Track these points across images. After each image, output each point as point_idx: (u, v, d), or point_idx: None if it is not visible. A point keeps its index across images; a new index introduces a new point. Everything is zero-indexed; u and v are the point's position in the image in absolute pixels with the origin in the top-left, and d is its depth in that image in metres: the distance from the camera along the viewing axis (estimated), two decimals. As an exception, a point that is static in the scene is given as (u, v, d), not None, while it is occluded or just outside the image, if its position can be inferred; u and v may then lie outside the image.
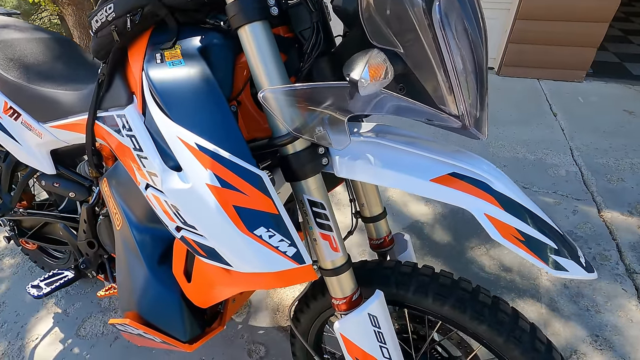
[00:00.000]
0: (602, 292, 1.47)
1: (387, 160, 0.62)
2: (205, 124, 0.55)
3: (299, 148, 0.61)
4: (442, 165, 0.60)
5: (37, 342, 1.42)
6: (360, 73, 0.44)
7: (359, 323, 0.69)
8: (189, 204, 0.56)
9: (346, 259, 0.70)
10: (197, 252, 0.61)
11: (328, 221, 0.65)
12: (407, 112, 0.55)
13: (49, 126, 0.96)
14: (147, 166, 0.64)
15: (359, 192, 0.86)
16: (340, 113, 0.55)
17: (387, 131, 0.67)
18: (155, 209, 0.66)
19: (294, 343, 0.99)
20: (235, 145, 0.55)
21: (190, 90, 0.56)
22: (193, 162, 0.54)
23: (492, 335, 0.68)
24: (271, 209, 0.55)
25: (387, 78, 0.47)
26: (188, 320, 0.75)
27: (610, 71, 3.23)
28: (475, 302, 0.70)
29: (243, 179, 0.54)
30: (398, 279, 0.75)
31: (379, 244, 0.90)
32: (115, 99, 0.74)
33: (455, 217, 1.85)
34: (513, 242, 0.55)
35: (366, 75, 0.44)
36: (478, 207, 0.56)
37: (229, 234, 0.55)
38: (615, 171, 2.10)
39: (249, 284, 0.59)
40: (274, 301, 1.50)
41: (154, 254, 0.75)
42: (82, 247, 1.08)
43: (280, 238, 0.56)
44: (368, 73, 0.44)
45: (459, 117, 0.53)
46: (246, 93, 0.70)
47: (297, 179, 0.63)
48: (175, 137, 0.55)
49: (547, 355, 0.66)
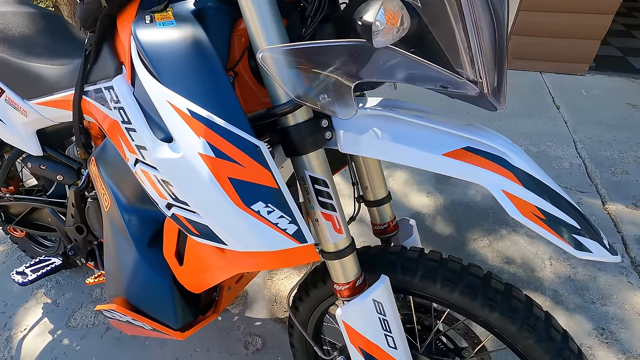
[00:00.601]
0: (607, 285, 1.44)
1: (396, 134, 0.57)
2: (198, 88, 0.50)
3: (300, 119, 0.57)
4: (455, 138, 0.55)
5: (26, 332, 1.37)
6: (374, 15, 0.39)
7: (363, 310, 0.65)
8: (180, 176, 0.51)
9: (350, 241, 0.65)
10: (189, 230, 0.56)
11: (331, 200, 0.61)
12: (419, 79, 0.51)
13: (34, 103, 0.90)
14: (136, 139, 0.59)
15: (362, 175, 0.82)
16: (347, 78, 0.50)
17: (395, 105, 0.62)
18: (145, 186, 0.61)
19: (292, 333, 0.95)
20: (231, 112, 0.50)
21: (181, 51, 0.51)
22: (184, 129, 0.49)
23: (505, 324, 0.64)
24: (270, 182, 0.50)
25: (404, 27, 0.42)
26: (180, 307, 0.70)
27: (613, 65, 3.19)
28: (486, 288, 0.66)
29: (239, 149, 0.49)
30: (404, 264, 0.70)
31: (383, 229, 0.85)
32: (103, 71, 0.69)
33: (457, 208, 1.81)
34: (533, 221, 0.50)
35: (382, 17, 0.39)
36: (495, 182, 0.52)
37: (223, 209, 0.50)
38: (620, 164, 2.07)
39: (245, 264, 0.55)
40: (272, 292, 1.46)
41: (143, 236, 0.70)
42: (71, 232, 1.02)
43: (280, 214, 0.51)
44: (383, 16, 0.39)
45: (477, 82, 0.48)
46: (244, 65, 0.65)
47: (298, 154, 0.58)
48: (165, 103, 0.50)
49: (563, 344, 0.62)
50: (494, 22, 0.48)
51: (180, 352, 1.27)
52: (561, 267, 1.51)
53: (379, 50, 0.46)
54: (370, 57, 0.46)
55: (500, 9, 0.48)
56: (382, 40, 0.41)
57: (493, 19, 0.48)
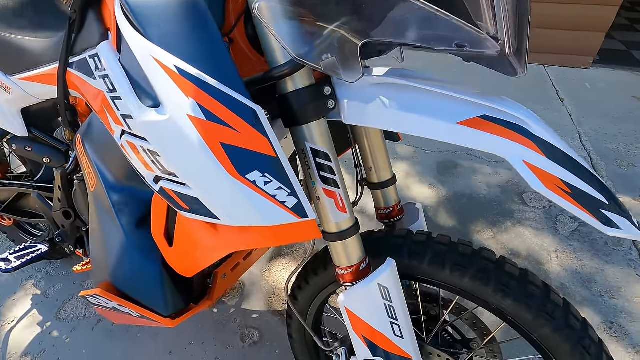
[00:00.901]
0: (615, 278, 1.39)
1: (405, 103, 0.53)
2: (187, 45, 0.45)
3: (300, 85, 0.52)
4: (470, 106, 0.50)
5: (14, 324, 1.32)
6: None
7: (368, 295, 0.60)
8: (167, 142, 0.46)
9: (354, 221, 0.60)
10: (178, 205, 0.51)
11: (334, 175, 0.56)
12: (434, 39, 0.46)
13: (17, 79, 0.85)
14: (122, 108, 0.54)
15: (366, 155, 0.77)
16: (354, 35, 0.45)
17: (404, 74, 0.57)
18: (132, 160, 0.56)
19: (291, 324, 0.90)
20: (225, 71, 0.45)
21: (169, 4, 0.46)
22: (172, 89, 0.44)
23: (520, 311, 0.59)
24: (267, 150, 0.45)
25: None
26: (170, 292, 0.65)
27: (617, 58, 3.14)
28: (500, 273, 0.61)
29: (233, 112, 0.44)
30: (411, 248, 0.66)
31: (387, 213, 0.80)
32: (88, 40, 0.64)
33: (460, 200, 1.76)
34: (558, 194, 0.46)
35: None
36: (515, 152, 0.47)
37: (215, 179, 0.45)
38: (626, 156, 2.02)
39: (240, 241, 0.50)
40: (269, 284, 1.41)
41: (131, 216, 0.65)
42: (58, 218, 0.97)
43: (278, 185, 0.46)
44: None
45: (498, 40, 0.44)
46: (240, 31, 0.60)
47: (298, 123, 0.53)
48: (150, 60, 0.45)
49: (583, 332, 0.58)
50: None
51: (174, 345, 1.23)
52: (568, 259, 1.47)
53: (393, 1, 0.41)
54: (382, 8, 0.42)
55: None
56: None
57: None
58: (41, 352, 1.23)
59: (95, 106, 0.64)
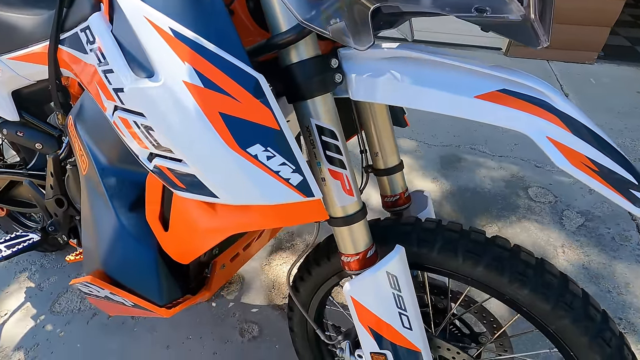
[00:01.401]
0: (623, 274, 1.36)
1: (418, 77, 0.49)
2: (184, 6, 0.41)
3: (305, 56, 0.48)
4: (489, 80, 0.47)
5: (6, 317, 1.28)
6: None
7: (375, 284, 0.56)
8: (161, 112, 0.42)
9: (361, 205, 0.57)
10: (174, 184, 0.47)
11: (340, 155, 0.52)
12: (452, 4, 0.42)
13: (6, 59, 0.81)
14: (114, 82, 0.50)
15: (372, 140, 0.73)
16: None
17: (415, 47, 0.53)
18: (124, 138, 0.52)
19: (292, 317, 0.87)
20: (224, 36, 0.41)
21: None
22: (166, 52, 0.40)
23: (537, 301, 0.56)
24: (271, 122, 0.42)
25: None
26: (165, 280, 0.62)
27: (622, 54, 3.11)
28: (516, 261, 0.58)
29: (234, 79, 0.40)
30: (420, 235, 0.62)
31: (394, 201, 0.77)
32: (79, 13, 0.61)
33: (464, 194, 1.73)
34: (585, 171, 0.42)
35: None
36: (538, 128, 0.44)
37: (213, 152, 0.41)
38: (632, 151, 1.99)
39: (239, 222, 0.46)
40: (269, 277, 1.38)
41: (124, 199, 0.61)
42: (51, 206, 0.94)
43: (282, 161, 0.42)
44: None
45: (522, 2, 0.40)
46: (241, 3, 0.57)
47: (303, 98, 0.49)
48: (143, 22, 0.41)
49: (603, 324, 0.54)
50: None
51: (172, 339, 1.19)
52: (574, 254, 1.44)
53: None
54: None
55: None
56: None
57: None
58: (34, 346, 1.19)
59: (87, 82, 0.60)
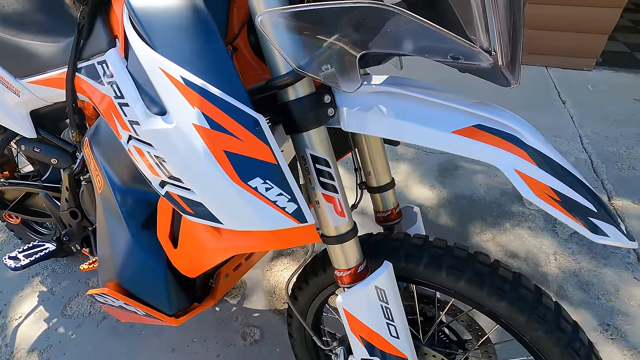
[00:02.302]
0: (612, 281, 1.41)
1: (402, 111, 0.54)
2: (193, 56, 0.47)
3: (301, 93, 0.53)
4: (465, 116, 0.52)
5: (21, 320, 1.35)
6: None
7: (365, 297, 0.62)
8: (173, 149, 0.48)
9: (352, 225, 0.62)
10: (184, 209, 0.53)
11: (333, 181, 0.58)
12: (430, 50, 0.47)
13: (27, 82, 0.88)
14: (129, 114, 0.56)
15: (365, 159, 0.79)
16: (353, 47, 0.47)
17: (402, 82, 0.59)
18: (138, 164, 0.58)
19: (291, 323, 0.93)
20: (228, 81, 0.47)
21: (175, 16, 0.48)
22: (178, 99, 0.46)
23: (513, 313, 0.61)
24: (269, 157, 0.47)
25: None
26: (174, 292, 0.68)
27: (620, 60, 3.14)
28: (494, 276, 0.63)
29: (237, 121, 0.46)
30: (408, 251, 0.68)
31: (386, 216, 0.82)
32: (96, 46, 0.66)
33: (460, 202, 1.78)
34: (547, 201, 0.47)
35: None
36: (507, 161, 0.49)
37: (219, 185, 0.47)
38: (627, 159, 2.03)
39: (242, 245, 0.52)
40: (270, 283, 1.44)
41: (137, 218, 0.67)
42: (65, 217, 1.00)
43: (279, 192, 0.48)
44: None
45: (491, 53, 0.45)
46: (243, 39, 0.62)
47: (299, 130, 0.55)
48: (157, 70, 0.47)
49: (573, 335, 0.60)
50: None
51: (177, 342, 1.25)
52: (566, 262, 1.48)
53: (387, 18, 0.43)
54: (379, 22, 0.43)
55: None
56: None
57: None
58: (48, 348, 1.26)
59: (103, 111, 0.66)
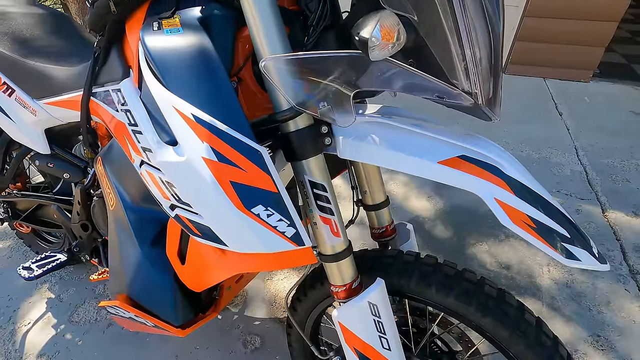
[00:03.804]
0: (604, 293, 1.44)
1: (393, 142, 0.59)
2: (203, 95, 0.52)
3: (300, 125, 0.58)
4: (451, 147, 0.57)
5: (29, 326, 1.39)
6: (371, 31, 0.41)
7: (359, 312, 0.66)
8: (184, 179, 0.53)
9: (347, 244, 0.67)
10: (192, 231, 0.58)
11: (329, 204, 0.63)
12: (417, 89, 0.52)
13: (43, 103, 0.93)
14: (142, 142, 0.61)
15: (361, 179, 0.83)
16: (346, 87, 0.52)
17: (394, 113, 0.64)
18: (150, 187, 0.63)
19: (290, 333, 0.97)
20: (234, 118, 0.52)
21: (188, 58, 0.53)
22: (189, 134, 0.51)
23: (497, 328, 0.66)
24: (270, 187, 0.52)
25: (400, 42, 0.44)
26: (181, 305, 0.73)
27: (617, 72, 3.19)
28: (480, 293, 0.67)
29: (241, 153, 0.51)
30: (400, 268, 0.72)
31: (381, 233, 0.87)
32: (111, 74, 0.71)
33: (457, 213, 1.82)
34: (523, 228, 0.52)
35: (377, 33, 0.41)
36: (488, 191, 0.53)
37: (225, 212, 0.52)
38: (621, 172, 2.07)
39: (245, 265, 0.57)
40: (271, 292, 1.48)
41: (147, 235, 0.72)
42: (76, 229, 1.05)
43: (279, 218, 0.53)
44: (380, 32, 0.41)
45: (472, 94, 0.50)
46: (247, 70, 0.67)
47: (298, 159, 0.60)
48: (170, 108, 0.52)
49: (553, 349, 0.64)
50: (490, 34, 0.50)
51: (180, 349, 1.30)
52: (559, 274, 1.52)
53: (377, 62, 0.48)
54: (368, 68, 0.48)
55: (496, 22, 0.50)
56: (378, 54, 0.43)
57: (489, 31, 0.50)
58: (55, 353, 1.30)
59: (117, 135, 0.71)
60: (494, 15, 0.49)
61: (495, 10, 0.49)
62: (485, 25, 0.49)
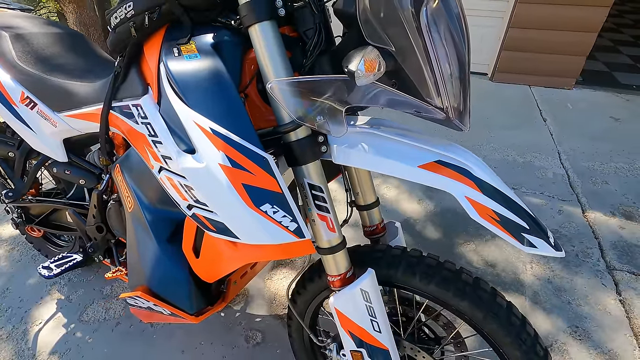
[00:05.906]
0: (583, 287, 1.55)
1: (380, 149, 0.69)
2: (219, 111, 0.61)
3: (300, 135, 0.68)
4: (429, 153, 0.67)
5: (41, 326, 1.46)
6: (357, 65, 0.51)
7: (352, 298, 0.75)
8: (202, 182, 0.62)
9: (341, 239, 0.76)
10: (207, 227, 0.67)
11: (325, 203, 0.72)
12: (398, 105, 0.62)
13: (63, 115, 1.02)
14: (162, 150, 0.70)
15: (354, 182, 0.93)
16: (339, 104, 0.61)
17: (381, 123, 0.74)
18: (168, 190, 0.72)
19: (291, 324, 1.06)
20: (245, 130, 0.61)
21: (205, 80, 0.62)
22: (207, 144, 0.60)
23: (473, 311, 0.75)
24: (275, 188, 0.62)
25: (380, 71, 0.54)
26: (195, 294, 0.81)
27: (599, 79, 3.34)
28: (458, 280, 0.77)
29: (251, 160, 0.61)
30: (389, 260, 0.82)
31: (372, 230, 0.96)
32: (131, 90, 0.80)
33: (446, 214, 1.92)
34: (489, 222, 0.62)
35: (362, 67, 0.51)
36: (460, 190, 0.63)
37: (238, 210, 0.61)
38: (600, 174, 2.19)
39: (254, 255, 0.66)
40: (271, 291, 1.56)
41: (163, 233, 0.81)
42: (91, 231, 1.13)
43: (284, 214, 0.62)
44: (364, 65, 0.51)
45: (443, 109, 0.60)
46: (252, 86, 0.77)
47: (299, 164, 0.69)
48: (191, 122, 0.62)
49: (521, 328, 0.73)
50: (457, 58, 0.60)
51: (186, 345, 1.37)
52: (541, 270, 1.62)
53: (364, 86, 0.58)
54: (356, 89, 0.58)
55: (461, 47, 0.60)
56: (363, 81, 0.53)
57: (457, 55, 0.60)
58: (67, 351, 1.37)
59: (136, 144, 0.80)
60: (459, 42, 0.59)
61: (460, 37, 0.59)
62: (453, 50, 0.59)
